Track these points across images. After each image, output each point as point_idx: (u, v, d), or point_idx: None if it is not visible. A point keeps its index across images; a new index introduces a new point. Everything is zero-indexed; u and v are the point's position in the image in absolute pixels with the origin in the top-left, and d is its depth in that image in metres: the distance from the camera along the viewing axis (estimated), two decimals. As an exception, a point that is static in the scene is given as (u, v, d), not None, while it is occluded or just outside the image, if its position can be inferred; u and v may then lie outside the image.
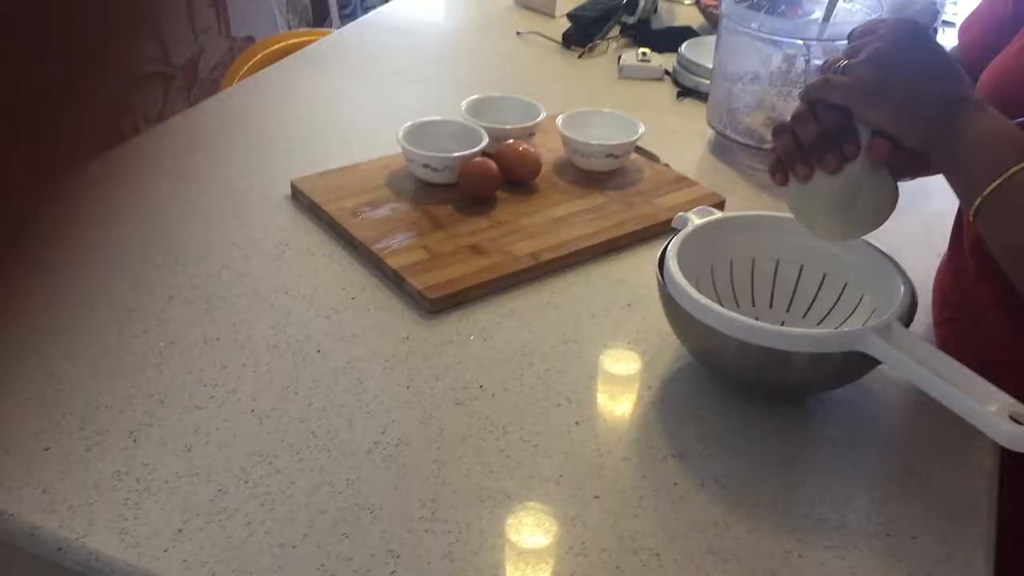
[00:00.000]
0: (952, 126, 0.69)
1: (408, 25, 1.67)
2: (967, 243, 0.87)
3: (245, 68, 1.74)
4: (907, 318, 0.75)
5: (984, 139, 0.69)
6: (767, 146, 1.17)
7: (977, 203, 0.68)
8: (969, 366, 0.68)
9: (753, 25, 1.15)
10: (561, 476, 0.71)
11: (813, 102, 0.75)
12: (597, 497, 0.70)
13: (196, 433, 0.73)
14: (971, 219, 0.69)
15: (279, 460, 0.71)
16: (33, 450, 0.70)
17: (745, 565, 0.65)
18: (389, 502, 0.68)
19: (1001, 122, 0.70)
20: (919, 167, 0.79)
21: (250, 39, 2.67)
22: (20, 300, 0.86)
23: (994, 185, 0.66)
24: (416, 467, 0.71)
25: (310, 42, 1.61)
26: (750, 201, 1.12)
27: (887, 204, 0.77)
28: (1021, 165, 0.66)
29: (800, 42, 1.13)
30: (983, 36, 0.92)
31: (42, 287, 0.88)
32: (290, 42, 1.80)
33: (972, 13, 0.98)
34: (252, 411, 0.75)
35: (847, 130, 0.75)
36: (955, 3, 1.75)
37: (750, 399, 0.80)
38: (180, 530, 0.64)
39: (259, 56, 1.78)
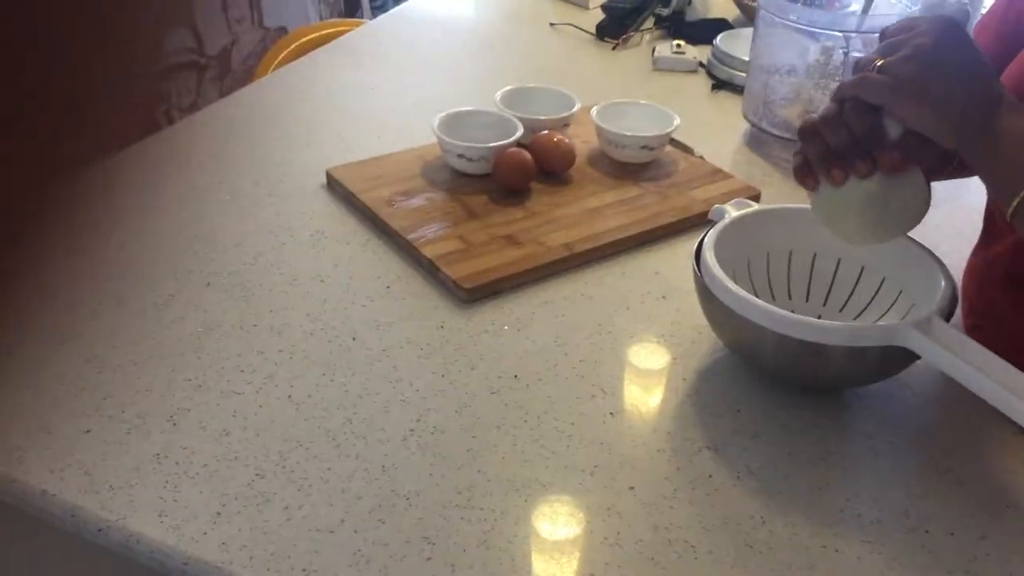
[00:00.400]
0: (989, 126, 0.68)
1: (440, 16, 1.68)
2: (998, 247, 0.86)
3: (279, 58, 1.75)
4: (947, 313, 0.74)
5: (1022, 139, 0.68)
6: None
7: (1016, 203, 0.67)
8: None
9: (791, 17, 1.14)
10: (596, 467, 0.71)
11: (843, 102, 0.74)
12: (632, 488, 0.70)
13: (234, 418, 0.74)
14: (1008, 220, 0.68)
15: (315, 446, 0.71)
16: (75, 432, 0.71)
17: (781, 558, 0.65)
18: (425, 489, 0.68)
19: None
20: (953, 169, 0.78)
21: (283, 30, 2.68)
22: (61, 286, 0.87)
23: None
24: (451, 455, 0.71)
25: (342, 33, 1.61)
26: (785, 194, 1.11)
27: (920, 206, 0.75)
28: None
29: (839, 34, 1.12)
30: (997, 40, 0.90)
31: (82, 273, 0.89)
32: (323, 32, 1.80)
33: (986, 13, 0.95)
34: (289, 397, 0.76)
35: (876, 132, 0.74)
36: (985, 8, 1.73)
37: (786, 392, 0.79)
38: (218, 513, 0.65)
39: (292, 47, 1.78)
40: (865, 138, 0.73)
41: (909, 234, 0.80)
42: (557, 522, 0.67)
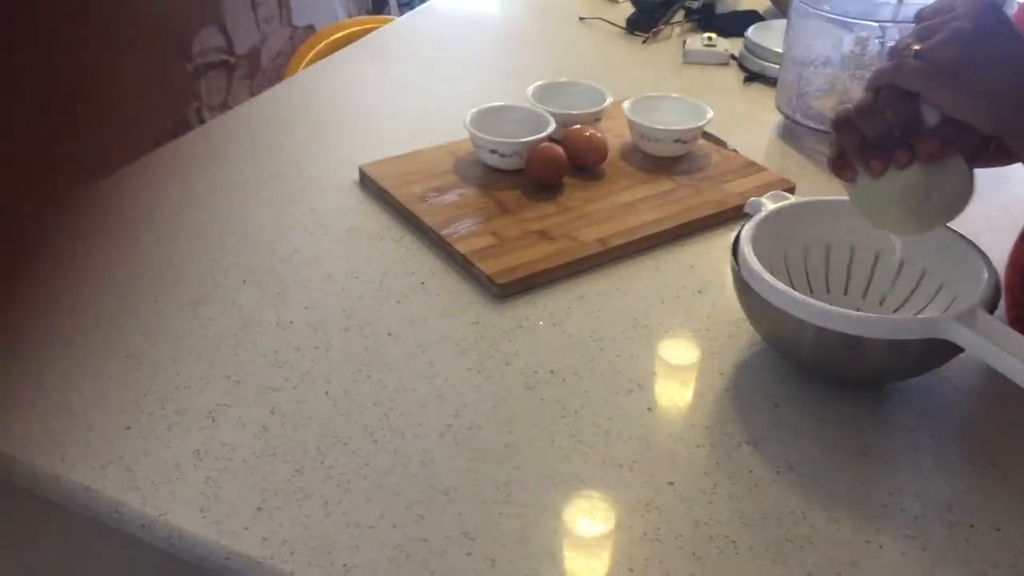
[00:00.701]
0: None
1: (468, 12, 1.68)
2: None
3: (308, 57, 1.76)
4: (991, 305, 0.73)
5: None
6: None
7: None
8: None
9: (825, 7, 1.13)
10: (634, 462, 0.71)
11: (878, 90, 0.72)
12: (671, 483, 0.69)
13: (272, 414, 0.74)
14: None
15: (353, 441, 0.72)
16: (116, 428, 0.72)
17: (823, 553, 0.64)
18: (463, 484, 0.68)
19: None
20: (991, 155, 0.76)
21: (311, 28, 2.70)
22: (99, 285, 0.88)
23: None
24: (489, 451, 0.71)
25: (371, 30, 1.62)
26: (820, 187, 1.10)
27: (962, 194, 0.74)
28: None
29: (874, 24, 1.10)
30: None
31: (120, 271, 0.90)
32: (351, 30, 1.81)
33: None
34: (326, 393, 0.76)
35: (914, 119, 0.72)
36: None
37: (825, 386, 0.78)
38: (259, 509, 0.66)
39: (321, 45, 1.79)
40: (903, 126, 0.72)
41: (950, 225, 0.79)
42: (596, 517, 0.67)
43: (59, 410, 0.73)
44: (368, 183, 1.06)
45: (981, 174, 0.75)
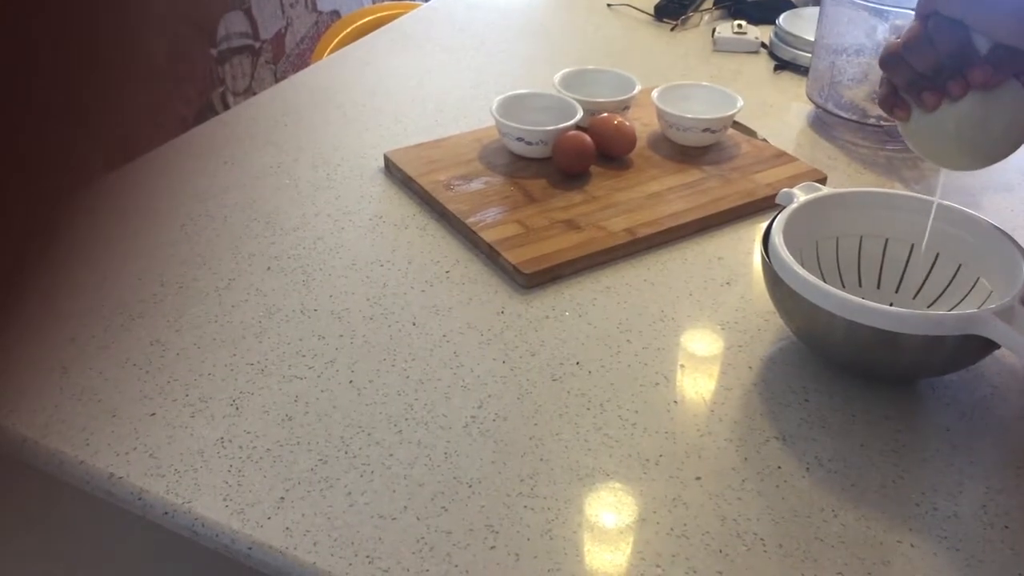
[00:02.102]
0: None
1: (496, -2, 1.66)
2: None
3: (334, 43, 1.75)
4: (1030, 301, 0.71)
5: None
6: (872, 121, 1.13)
7: None
8: None
9: (859, -6, 1.10)
10: (661, 456, 0.70)
11: (926, 19, 0.69)
12: (698, 478, 0.68)
13: (296, 403, 0.73)
14: None
15: (377, 432, 0.71)
16: (140, 415, 0.72)
17: (854, 553, 0.63)
18: (487, 477, 0.67)
19: None
20: None
21: (336, 13, 2.69)
22: (123, 271, 0.87)
23: None
24: (514, 443, 0.71)
25: (397, 16, 1.60)
26: (853, 178, 1.08)
27: (1022, 121, 0.70)
28: None
29: (910, 12, 1.08)
30: None
31: (144, 257, 0.90)
32: (377, 16, 1.80)
33: None
34: (350, 382, 0.76)
35: (965, 49, 0.68)
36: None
37: (856, 382, 0.77)
38: (282, 498, 0.65)
39: (347, 30, 1.78)
40: (953, 56, 0.68)
41: (988, 217, 0.77)
42: (622, 512, 0.66)
43: (83, 396, 0.73)
44: (393, 170, 1.06)
45: (1016, 169, 0.73)
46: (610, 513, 0.65)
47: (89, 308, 0.83)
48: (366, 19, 1.80)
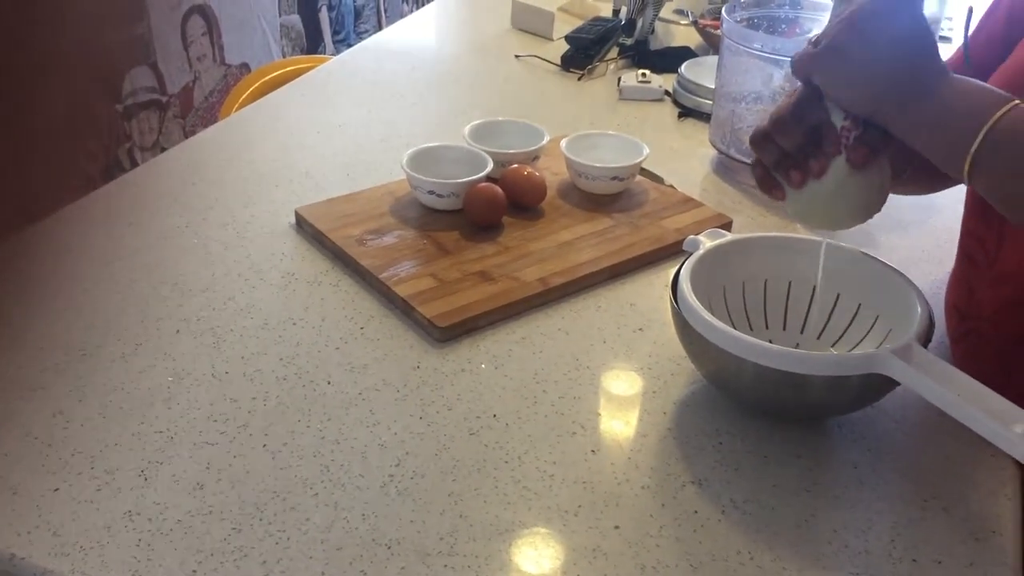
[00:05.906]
0: (930, 91, 0.66)
1: (405, 50, 1.67)
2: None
3: (243, 97, 1.74)
4: (925, 338, 0.74)
5: (961, 98, 0.66)
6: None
7: (969, 162, 0.64)
8: (993, 375, 0.67)
9: (755, 45, 1.15)
10: (579, 506, 0.70)
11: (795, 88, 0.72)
12: (617, 527, 0.69)
13: (208, 470, 0.72)
14: (967, 183, 0.66)
15: (293, 496, 0.70)
16: (42, 491, 0.69)
17: (771, 594, 0.64)
18: (407, 537, 0.67)
19: (974, 83, 0.67)
20: (914, 171, 0.77)
21: (245, 67, 2.67)
22: (23, 339, 0.84)
23: (979, 138, 0.63)
24: (432, 500, 0.70)
25: (307, 69, 1.60)
26: (756, 220, 1.12)
27: (880, 190, 0.74)
28: (1001, 111, 0.63)
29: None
30: (1007, 23, 0.89)
31: (46, 323, 0.87)
32: (287, 69, 1.80)
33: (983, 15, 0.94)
34: (264, 446, 0.74)
35: (825, 122, 0.71)
36: (950, 19, 1.76)
37: (767, 423, 0.79)
38: (194, 571, 0.63)
39: (256, 84, 1.77)
40: (816, 131, 0.72)
41: (884, 258, 0.80)
42: (543, 566, 0.66)
43: (-19, 473, 0.70)
44: (305, 226, 1.05)
45: (909, 209, 0.76)
46: (531, 566, 0.65)
47: (-13, 380, 0.79)
48: (276, 73, 1.79)
